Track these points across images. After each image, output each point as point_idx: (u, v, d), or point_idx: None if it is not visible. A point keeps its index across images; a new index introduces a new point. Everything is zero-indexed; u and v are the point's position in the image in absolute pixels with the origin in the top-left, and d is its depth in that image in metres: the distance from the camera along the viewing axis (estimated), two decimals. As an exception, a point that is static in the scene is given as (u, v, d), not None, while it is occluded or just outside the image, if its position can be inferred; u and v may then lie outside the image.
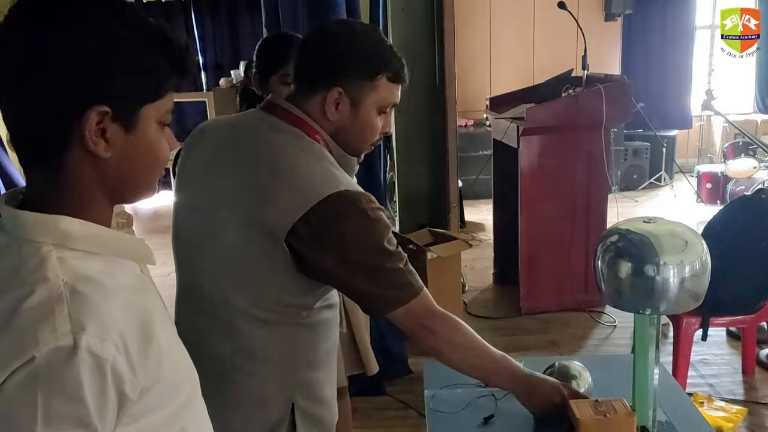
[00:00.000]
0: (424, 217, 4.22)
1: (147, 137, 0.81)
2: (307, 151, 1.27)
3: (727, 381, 3.15)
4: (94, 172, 0.79)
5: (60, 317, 0.69)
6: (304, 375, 1.33)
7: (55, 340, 0.67)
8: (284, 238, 1.20)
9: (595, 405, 1.45)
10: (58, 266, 0.73)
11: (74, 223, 0.78)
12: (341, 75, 1.28)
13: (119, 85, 0.77)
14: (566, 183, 3.76)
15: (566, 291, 3.83)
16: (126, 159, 0.80)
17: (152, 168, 0.83)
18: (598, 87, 3.60)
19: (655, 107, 6.75)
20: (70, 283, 0.72)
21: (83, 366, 0.68)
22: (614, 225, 1.44)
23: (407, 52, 3.99)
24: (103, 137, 0.77)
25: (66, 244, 0.76)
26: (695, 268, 1.32)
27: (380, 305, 1.29)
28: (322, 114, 1.30)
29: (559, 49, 6.62)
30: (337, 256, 1.22)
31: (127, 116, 0.78)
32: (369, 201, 1.24)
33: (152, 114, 0.81)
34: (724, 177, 5.88)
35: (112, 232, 0.82)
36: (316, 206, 1.19)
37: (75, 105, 0.75)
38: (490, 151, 4.55)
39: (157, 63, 0.79)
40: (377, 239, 1.24)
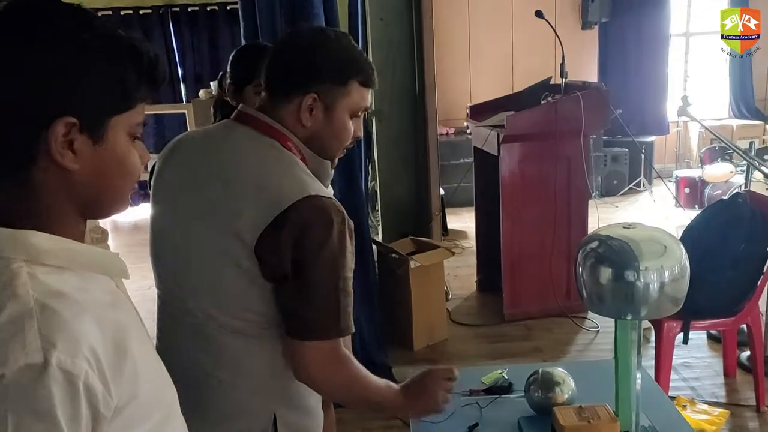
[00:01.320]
0: (406, 226, 4.22)
1: (116, 149, 0.79)
2: (278, 160, 1.27)
3: (709, 384, 3.18)
4: (62, 185, 0.77)
5: (30, 334, 0.68)
6: (286, 385, 1.32)
7: (25, 357, 0.66)
8: (254, 247, 1.19)
9: (579, 411, 1.46)
10: (28, 282, 0.72)
11: (45, 238, 0.76)
12: (315, 81, 1.28)
13: (86, 96, 0.75)
14: (547, 190, 3.78)
15: (549, 297, 3.85)
16: (95, 171, 0.78)
17: (123, 181, 0.82)
18: (577, 94, 3.63)
19: (633, 114, 6.83)
20: (40, 300, 0.71)
21: (54, 383, 0.67)
22: (594, 231, 1.45)
23: (386, 62, 4.04)
24: (71, 149, 0.75)
25: (37, 259, 0.75)
26: (674, 273, 1.33)
27: (305, 330, 1.24)
28: (296, 121, 1.30)
29: (537, 58, 6.68)
30: (291, 267, 1.20)
31: (95, 127, 0.77)
32: (338, 211, 1.23)
33: (121, 125, 0.79)
34: (701, 181, 5.95)
35: (85, 247, 0.80)
36: (284, 213, 1.18)
37: (41, 116, 0.73)
38: (470, 159, 4.57)
39: (125, 74, 0.78)
40: (335, 259, 1.22)
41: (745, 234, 2.75)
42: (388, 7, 4.00)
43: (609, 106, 3.77)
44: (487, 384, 1.76)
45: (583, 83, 4.06)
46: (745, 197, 2.84)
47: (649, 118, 7.22)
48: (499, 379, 1.77)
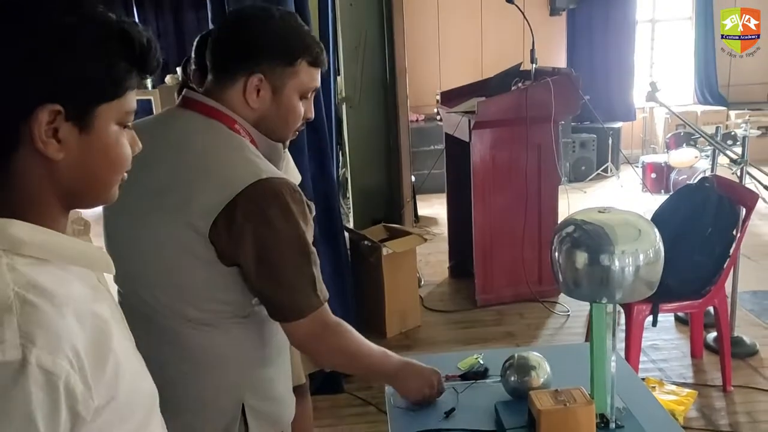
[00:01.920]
0: (377, 213, 4.21)
1: (104, 138, 0.75)
2: (225, 143, 1.24)
3: (677, 365, 3.25)
4: (45, 175, 0.73)
5: (8, 330, 0.64)
6: (254, 374, 1.30)
7: (2, 353, 0.63)
8: (208, 234, 1.16)
9: (555, 395, 1.46)
10: (7, 274, 0.68)
11: (24, 228, 0.72)
12: (260, 60, 1.25)
13: (72, 83, 0.71)
14: (518, 175, 3.80)
15: (520, 282, 3.88)
16: (81, 161, 0.74)
17: (109, 171, 0.78)
18: (547, 80, 3.65)
19: (600, 100, 6.90)
20: (20, 293, 0.67)
21: (33, 383, 0.63)
22: (570, 216, 1.45)
23: (356, 48, 4.00)
24: (55, 137, 0.71)
25: (16, 249, 0.71)
26: (649, 257, 1.34)
27: (287, 311, 1.24)
28: (243, 103, 1.27)
29: (506, 44, 6.70)
30: (254, 251, 1.18)
31: (81, 116, 0.73)
32: (292, 191, 1.20)
33: (110, 114, 0.76)
34: (667, 167, 6.05)
35: (67, 239, 0.77)
36: (237, 198, 1.15)
37: (23, 102, 0.70)
38: (441, 146, 4.57)
39: (115, 60, 0.74)
40: (294, 236, 1.20)
41: (711, 218, 2.80)
42: (358, -9, 3.96)
43: (578, 92, 3.80)
44: (463, 369, 1.76)
45: (553, 69, 4.08)
46: (712, 181, 2.89)
47: (616, 105, 7.31)
48: (475, 365, 1.77)
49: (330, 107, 3.46)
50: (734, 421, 2.79)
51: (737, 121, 6.43)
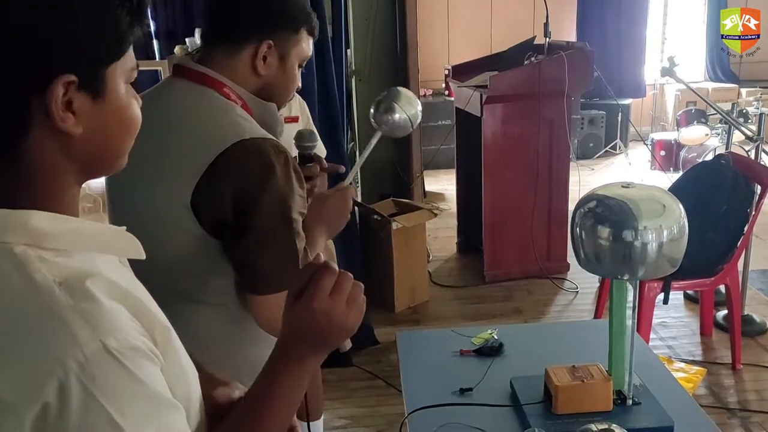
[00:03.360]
0: (386, 188, 4.19)
1: (117, 101, 0.70)
2: (212, 107, 1.21)
3: (686, 343, 3.25)
4: (61, 153, 0.67)
5: (75, 324, 0.59)
6: (248, 352, 1.26)
7: (81, 351, 0.59)
8: (190, 201, 1.13)
9: (572, 370, 1.46)
10: (41, 266, 0.62)
11: (45, 219, 0.66)
12: (269, 28, 1.24)
13: (81, 46, 0.64)
14: (529, 151, 3.77)
15: (529, 258, 3.87)
16: (97, 131, 0.68)
17: (126, 134, 0.73)
18: (561, 54, 3.60)
19: (610, 76, 6.80)
20: (64, 284, 0.62)
21: (125, 360, 0.61)
22: (592, 191, 1.43)
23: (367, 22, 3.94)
24: (70, 110, 0.65)
25: (39, 243, 0.64)
26: (673, 233, 1.33)
27: (264, 282, 1.17)
28: (248, 70, 1.25)
29: (516, 18, 6.61)
30: (233, 211, 1.14)
31: (94, 82, 0.66)
32: (277, 152, 1.16)
33: (118, 73, 0.69)
34: (677, 144, 6.00)
35: (89, 224, 0.71)
36: (218, 158, 1.12)
37: (35, 77, 0.62)
38: (449, 121, 4.54)
39: (117, 13, 0.67)
40: (278, 198, 1.15)
41: (726, 196, 2.77)
42: (370, -38, 3.90)
43: (592, 67, 3.75)
44: (477, 344, 1.76)
45: (567, 44, 4.02)
46: (728, 159, 2.86)
47: (626, 81, 7.22)
48: (489, 340, 1.76)
49: (341, 80, 3.43)
50: (743, 399, 2.79)
51: (749, 99, 6.36)
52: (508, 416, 1.45)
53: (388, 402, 2.83)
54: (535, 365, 1.54)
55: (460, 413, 1.46)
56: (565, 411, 1.40)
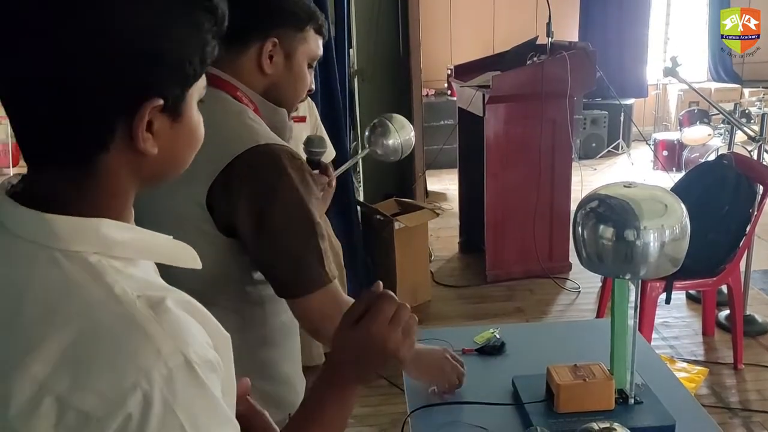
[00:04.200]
0: (389, 188, 4.19)
1: (190, 122, 0.70)
2: (223, 110, 1.21)
3: (688, 342, 3.25)
4: (132, 169, 0.67)
5: (158, 336, 0.60)
6: (258, 354, 1.27)
7: (164, 364, 0.59)
8: (205, 201, 1.13)
9: (574, 369, 1.46)
10: (119, 278, 0.63)
11: (115, 228, 0.66)
12: (273, 26, 1.23)
13: (172, 71, 0.64)
14: (531, 151, 3.77)
15: (531, 258, 3.88)
16: (169, 149, 0.68)
17: (192, 150, 0.73)
18: (563, 54, 3.60)
19: (613, 76, 6.79)
20: (143, 296, 0.62)
21: (202, 375, 0.61)
22: (594, 190, 1.43)
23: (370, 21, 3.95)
24: (150, 131, 0.65)
25: (109, 252, 0.65)
26: (675, 233, 1.33)
27: (292, 285, 1.17)
28: (255, 69, 1.24)
29: (518, 18, 6.61)
30: (253, 219, 1.14)
31: (176, 105, 0.66)
32: (292, 158, 1.16)
33: (195, 95, 0.69)
34: (679, 144, 6.00)
35: (150, 234, 0.71)
36: (233, 162, 1.12)
37: (127, 100, 0.62)
38: (451, 121, 4.54)
39: (204, 36, 0.67)
40: (295, 202, 1.14)
41: (729, 196, 2.78)
42: (372, -38, 3.90)
43: (595, 67, 3.75)
44: (479, 343, 1.76)
45: (570, 44, 4.03)
46: (730, 159, 2.86)
47: (628, 81, 7.22)
48: (491, 339, 1.77)
49: (344, 80, 3.43)
50: (744, 399, 2.79)
51: (751, 99, 6.36)
52: (510, 415, 1.46)
53: (391, 401, 2.83)
54: (536, 364, 1.54)
55: (462, 412, 1.46)
56: (567, 410, 1.40)
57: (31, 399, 0.57)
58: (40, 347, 0.58)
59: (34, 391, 0.58)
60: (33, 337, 0.59)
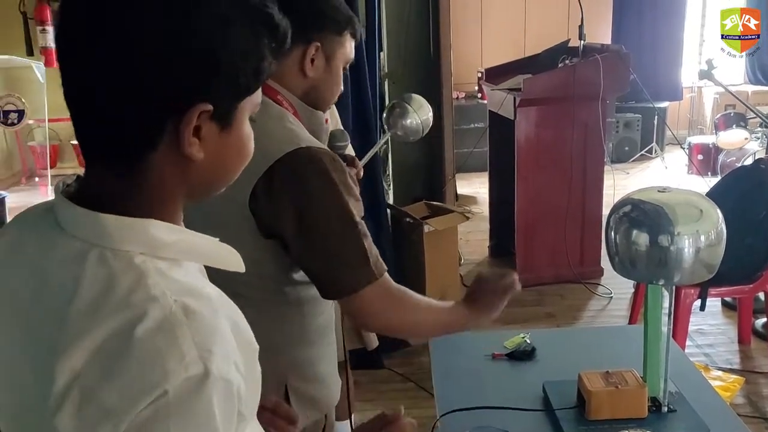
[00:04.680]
0: (418, 191, 4.18)
1: (239, 134, 0.71)
2: (267, 114, 1.21)
3: (724, 351, 3.18)
4: (179, 173, 0.69)
5: (185, 343, 0.61)
6: (297, 355, 1.29)
7: (185, 370, 0.60)
8: (247, 203, 1.15)
9: (606, 376, 1.45)
10: (160, 280, 0.64)
11: (164, 229, 0.68)
12: (316, 30, 1.26)
13: (225, 79, 0.66)
14: (563, 154, 3.74)
15: (562, 263, 3.84)
16: (216, 158, 0.70)
17: (240, 163, 0.74)
18: (596, 57, 3.57)
19: (646, 79, 6.69)
20: (180, 301, 0.63)
21: (215, 392, 0.61)
22: (627, 195, 1.42)
23: (400, 23, 3.95)
24: (197, 136, 0.67)
25: (156, 252, 0.67)
26: (710, 238, 1.31)
27: (338, 285, 1.19)
28: (296, 72, 1.27)
29: (550, 21, 6.56)
30: (294, 220, 1.15)
31: (226, 113, 0.68)
32: (332, 160, 1.18)
33: (247, 108, 0.71)
34: (715, 148, 5.89)
35: (199, 237, 0.73)
36: (275, 165, 1.14)
37: (177, 101, 0.65)
38: (481, 124, 4.53)
39: (263, 51, 0.69)
40: (338, 204, 1.16)
41: (766, 200, 2.72)
42: (403, -34, 3.91)
43: (628, 70, 3.70)
44: (509, 348, 1.75)
45: (602, 46, 3.98)
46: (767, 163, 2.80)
47: (662, 84, 7.11)
48: (521, 344, 1.76)
49: (375, 83, 3.44)
50: (782, 409, 2.73)
51: (790, 102, 6.22)
52: (540, 421, 1.45)
53: (420, 405, 2.83)
54: (568, 370, 1.53)
55: (492, 417, 1.45)
56: (599, 417, 1.39)
57: (65, 386, 0.60)
58: (81, 339, 0.61)
59: (69, 380, 0.60)
60: (77, 329, 0.62)
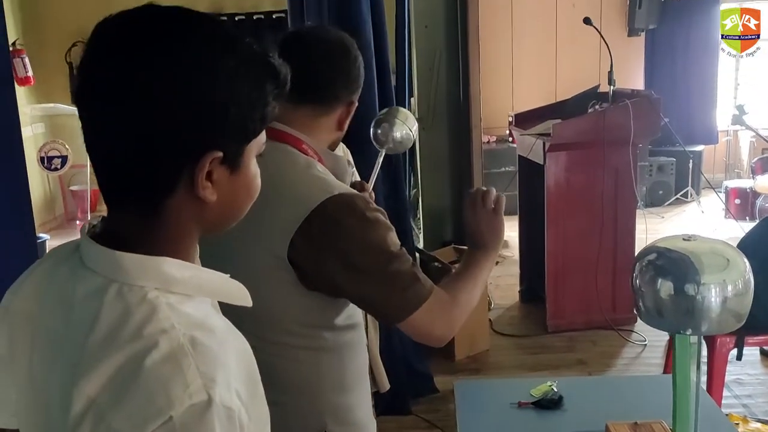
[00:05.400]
0: (448, 235, 4.19)
1: (247, 173, 0.77)
2: (294, 163, 1.27)
3: (762, 402, 3.08)
4: (194, 214, 0.75)
5: (189, 372, 0.65)
6: (335, 400, 1.30)
7: (189, 398, 0.64)
8: (286, 255, 1.18)
9: (634, 427, 1.42)
10: (171, 315, 0.69)
11: (176, 266, 0.73)
12: (356, 87, 1.34)
13: (234, 127, 0.72)
14: (593, 199, 3.72)
15: (594, 309, 3.78)
16: (228, 198, 0.76)
17: (248, 202, 0.80)
18: (626, 102, 3.57)
19: (681, 123, 6.67)
20: (188, 333, 0.68)
21: (218, 419, 0.65)
22: (652, 243, 1.41)
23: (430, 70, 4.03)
24: (209, 180, 0.72)
25: (168, 287, 0.72)
26: (738, 288, 1.29)
27: (395, 312, 1.23)
28: (335, 127, 1.34)
29: (581, 66, 6.60)
30: (339, 263, 1.19)
31: (235, 157, 0.74)
32: (365, 202, 1.22)
33: (253, 149, 0.77)
34: (753, 192, 5.79)
35: (207, 272, 0.78)
36: (311, 215, 1.17)
37: (193, 149, 0.70)
38: (512, 168, 4.54)
39: (266, 97, 0.75)
40: (378, 241, 1.21)
41: (803, 247, 2.65)
42: (433, 14, 4.00)
43: (659, 115, 3.69)
44: (536, 396, 1.73)
45: (632, 91, 3.99)
46: (803, 209, 2.74)
47: (697, 127, 7.05)
48: (548, 392, 1.73)
49: (403, 128, 3.48)
50: (827, 465, 2.61)
51: (830, 146, 6.10)
52: (566, 473, 1.42)
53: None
54: (595, 420, 1.50)
55: (516, 467, 1.43)
56: (626, 470, 1.36)
57: (82, 410, 0.65)
58: (97, 368, 0.66)
59: (85, 406, 0.65)
60: (94, 358, 0.67)
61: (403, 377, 3.09)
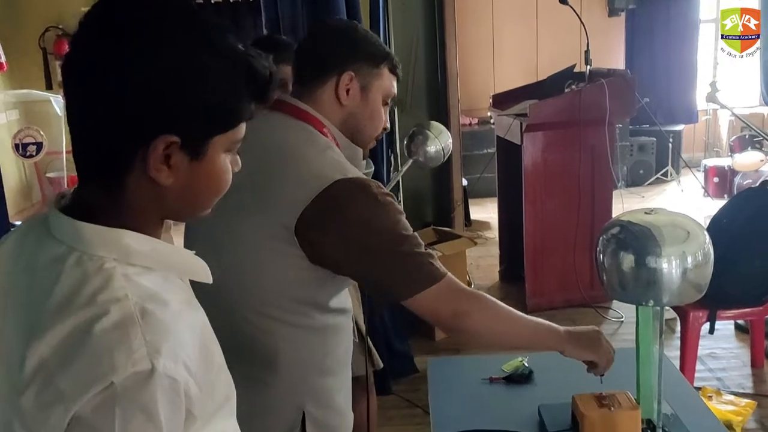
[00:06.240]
0: (428, 216, 4.21)
1: (212, 166, 0.78)
2: (313, 143, 1.28)
3: (736, 374, 3.13)
4: (153, 195, 0.76)
5: (135, 341, 0.67)
6: (315, 382, 1.31)
7: (132, 365, 0.66)
8: (294, 227, 1.19)
9: (600, 398, 1.44)
10: (125, 284, 0.71)
11: (136, 238, 0.76)
12: (352, 59, 1.31)
13: (194, 116, 0.74)
14: (571, 179, 3.74)
15: (572, 287, 3.82)
16: (187, 186, 0.77)
17: (212, 195, 0.81)
18: (601, 82, 3.59)
19: (661, 102, 6.72)
20: (139, 303, 0.70)
21: (160, 389, 0.67)
22: (615, 217, 1.43)
23: (408, 51, 4.02)
24: (167, 164, 0.74)
25: (127, 259, 0.74)
26: (697, 259, 1.31)
27: (399, 290, 1.24)
28: (333, 101, 1.32)
29: (563, 46, 6.60)
30: (349, 241, 1.20)
31: (196, 147, 0.75)
32: (378, 187, 1.23)
33: (222, 143, 0.78)
34: (731, 171, 5.85)
35: (170, 247, 0.80)
36: (324, 191, 1.18)
37: (145, 131, 0.72)
38: (494, 149, 4.54)
39: (238, 95, 0.76)
40: (390, 223, 1.22)
41: (774, 222, 2.70)
42: (411, -7, 3.98)
43: (635, 94, 3.72)
44: (507, 372, 1.76)
45: (608, 71, 4.01)
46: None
47: (677, 107, 7.10)
48: (519, 367, 1.76)
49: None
50: (796, 434, 2.67)
51: (807, 123, 6.16)
52: (534, 444, 1.44)
53: (426, 430, 2.81)
54: (564, 393, 1.52)
55: (485, 440, 1.45)
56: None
57: (33, 371, 0.68)
58: (50, 330, 0.69)
59: (36, 366, 0.68)
60: (49, 321, 0.69)
61: (384, 357, 3.12)
